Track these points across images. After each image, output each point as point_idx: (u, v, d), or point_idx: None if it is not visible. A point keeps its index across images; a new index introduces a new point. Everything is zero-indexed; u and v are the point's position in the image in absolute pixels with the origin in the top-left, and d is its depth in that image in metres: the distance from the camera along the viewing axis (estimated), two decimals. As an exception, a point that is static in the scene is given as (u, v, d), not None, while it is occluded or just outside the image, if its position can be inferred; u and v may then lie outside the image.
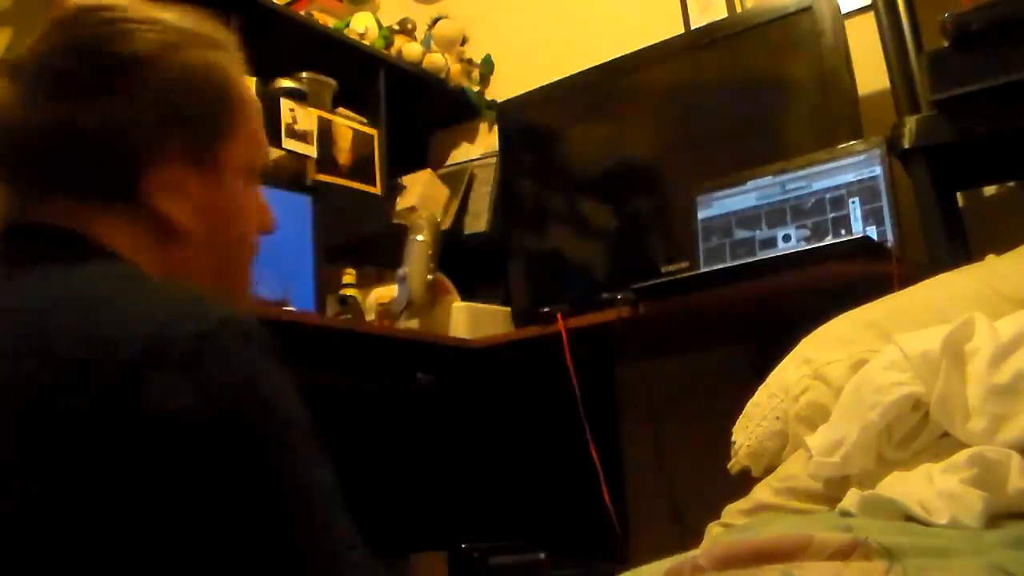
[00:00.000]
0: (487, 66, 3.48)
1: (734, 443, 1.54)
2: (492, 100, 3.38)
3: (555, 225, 2.94)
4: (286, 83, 2.80)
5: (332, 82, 2.92)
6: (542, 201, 2.98)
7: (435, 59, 3.30)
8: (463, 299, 2.76)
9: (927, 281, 1.56)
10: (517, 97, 3.07)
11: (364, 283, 2.88)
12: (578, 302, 2.47)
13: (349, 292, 2.71)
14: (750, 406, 1.54)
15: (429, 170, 3.28)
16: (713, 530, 1.40)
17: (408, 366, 2.58)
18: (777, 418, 1.45)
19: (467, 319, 2.68)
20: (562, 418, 2.36)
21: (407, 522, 2.48)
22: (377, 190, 2.98)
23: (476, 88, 3.43)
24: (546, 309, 2.45)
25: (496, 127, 3.21)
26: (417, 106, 3.32)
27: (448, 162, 3.41)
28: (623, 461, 2.85)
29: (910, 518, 0.98)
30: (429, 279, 2.65)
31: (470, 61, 3.44)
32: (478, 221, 3.16)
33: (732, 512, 1.40)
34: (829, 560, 0.82)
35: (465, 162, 3.35)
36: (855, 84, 2.36)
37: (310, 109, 2.80)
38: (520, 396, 2.77)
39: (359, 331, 2.47)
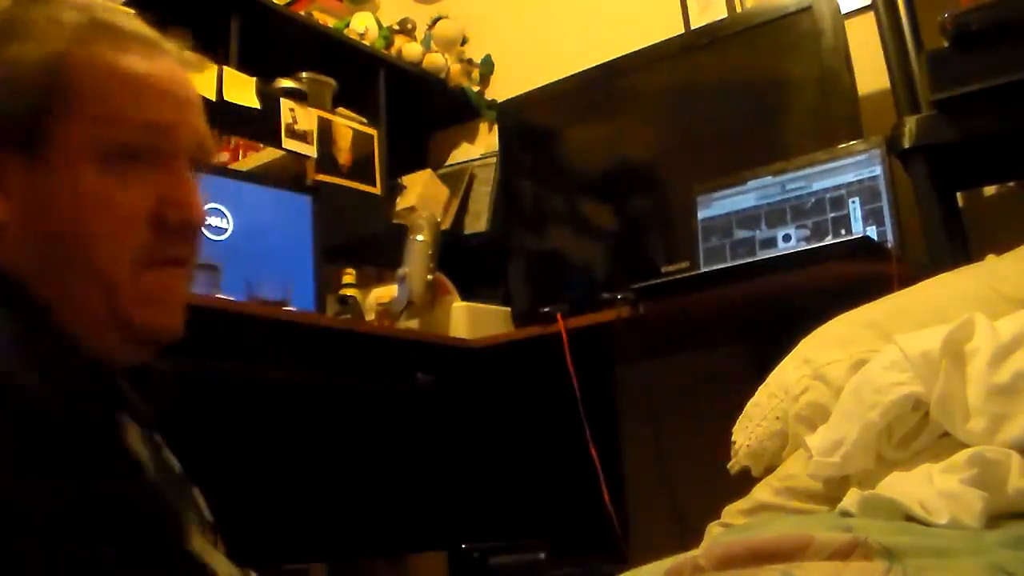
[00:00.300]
0: (487, 66, 3.48)
1: (734, 443, 1.54)
2: (492, 100, 3.38)
3: (555, 225, 2.94)
4: (286, 83, 2.80)
5: (332, 82, 2.92)
6: (542, 201, 2.98)
7: (435, 59, 3.30)
8: (463, 299, 2.76)
9: (927, 281, 1.56)
10: (517, 97, 3.07)
11: (364, 283, 2.88)
12: (578, 302, 2.47)
13: (349, 292, 2.71)
14: (750, 406, 1.54)
15: (429, 170, 3.29)
16: (713, 530, 1.40)
17: (408, 366, 2.58)
18: (777, 418, 1.45)
19: (467, 319, 2.68)
20: (562, 418, 2.36)
21: (407, 522, 2.48)
22: (377, 190, 2.98)
23: (476, 88, 3.43)
24: (546, 309, 2.45)
25: (496, 127, 3.21)
26: (417, 106, 3.32)
27: (448, 162, 3.41)
28: (623, 461, 2.85)
29: (910, 518, 0.98)
30: (429, 279, 2.65)
31: (470, 61, 3.45)
32: (478, 221, 3.16)
33: (732, 512, 1.40)
34: (829, 560, 0.82)
35: (465, 162, 3.35)
36: (855, 84, 2.36)
37: (310, 109, 2.80)
38: (520, 396, 2.77)
39: (359, 331, 2.47)
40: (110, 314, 0.82)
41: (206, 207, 0.90)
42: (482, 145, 3.37)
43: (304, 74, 2.86)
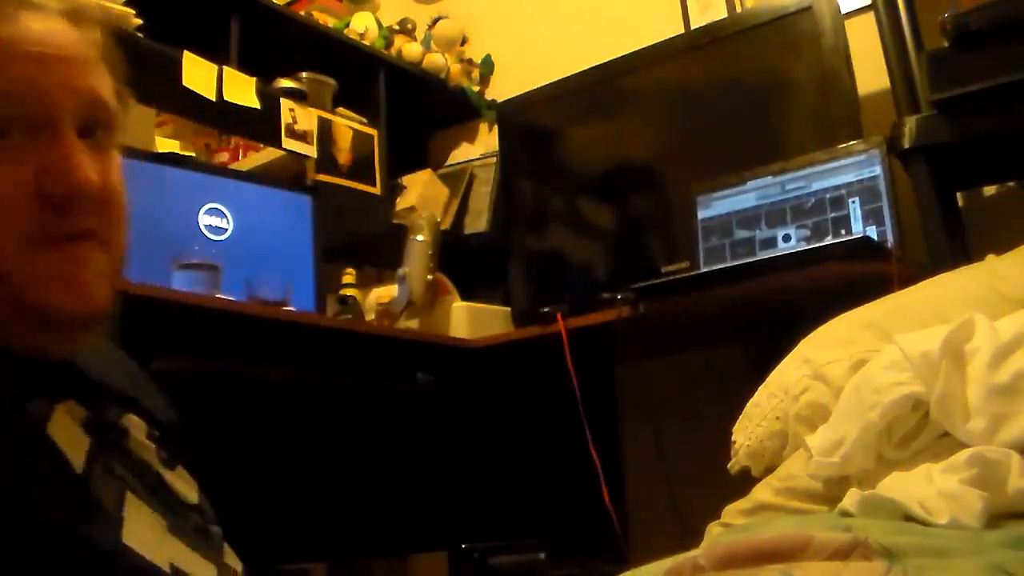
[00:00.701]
0: (487, 66, 3.49)
1: (734, 443, 1.54)
2: (492, 100, 3.38)
3: (555, 225, 2.94)
4: (286, 83, 2.80)
5: (332, 82, 2.92)
6: (542, 201, 2.98)
7: (435, 59, 3.30)
8: (463, 299, 2.76)
9: (927, 281, 1.56)
10: (517, 97, 3.07)
11: (364, 283, 2.88)
12: (578, 302, 2.47)
13: (349, 292, 2.71)
14: (750, 406, 1.54)
15: (429, 170, 3.29)
16: (713, 530, 1.40)
17: (408, 366, 2.58)
18: (777, 418, 1.45)
19: (467, 319, 2.68)
20: (562, 418, 2.36)
21: (407, 522, 2.48)
22: (377, 190, 2.98)
23: (476, 88, 3.43)
24: (546, 309, 2.45)
25: (496, 127, 3.21)
26: (417, 106, 3.32)
27: (448, 162, 3.41)
28: (623, 461, 2.85)
29: (910, 518, 0.98)
30: (429, 279, 2.65)
31: (470, 61, 3.45)
32: (478, 221, 3.16)
33: (732, 512, 1.40)
34: (829, 560, 0.82)
35: (465, 162, 3.35)
36: (855, 84, 2.36)
37: (310, 109, 2.80)
38: (520, 396, 2.77)
39: (359, 331, 2.47)
40: (8, 302, 0.76)
41: (92, 173, 0.80)
42: (482, 145, 3.37)
43: (304, 74, 2.86)
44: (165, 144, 3.10)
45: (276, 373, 2.28)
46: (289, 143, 2.73)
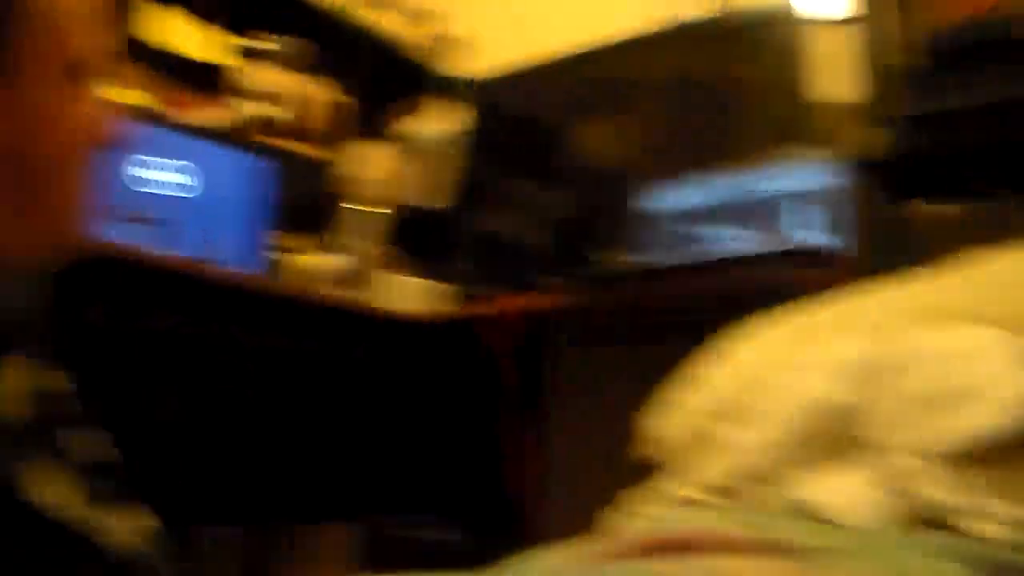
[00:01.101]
0: (456, 42, 3.47)
1: (648, 435, 1.53)
2: (457, 77, 3.36)
3: (505, 207, 2.94)
4: (249, 41, 2.78)
5: (297, 44, 2.89)
6: (495, 182, 2.98)
7: (403, 32, 3.28)
8: (407, 273, 2.75)
9: (862, 290, 1.57)
10: (486, 78, 3.08)
11: (308, 249, 2.85)
12: (518, 286, 2.47)
13: (291, 256, 2.68)
14: (669, 399, 1.54)
15: (386, 141, 3.26)
16: (624, 520, 1.40)
17: (344, 335, 2.57)
18: (696, 413, 1.45)
19: (406, 293, 2.68)
20: (489, 399, 2.37)
21: (313, 492, 2.47)
22: (331, 156, 2.96)
23: (443, 63, 3.41)
24: (485, 289, 2.46)
25: (460, 104, 3.20)
26: (380, 77, 3.29)
27: (406, 136, 3.39)
28: (543, 446, 2.85)
29: (822, 519, 0.99)
30: (374, 250, 2.64)
31: (438, 37, 3.42)
32: (429, 196, 3.15)
33: (644, 503, 1.40)
34: (741, 555, 0.82)
35: (421, 138, 3.33)
36: (812, 92, 2.37)
37: (271, 69, 2.77)
38: (449, 373, 2.77)
39: (292, 296, 2.46)
40: (55, 226, 0.82)
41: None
42: (443, 121, 3.35)
43: (268, 34, 2.83)
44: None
45: (207, 329, 2.26)
46: (244, 102, 2.70)
